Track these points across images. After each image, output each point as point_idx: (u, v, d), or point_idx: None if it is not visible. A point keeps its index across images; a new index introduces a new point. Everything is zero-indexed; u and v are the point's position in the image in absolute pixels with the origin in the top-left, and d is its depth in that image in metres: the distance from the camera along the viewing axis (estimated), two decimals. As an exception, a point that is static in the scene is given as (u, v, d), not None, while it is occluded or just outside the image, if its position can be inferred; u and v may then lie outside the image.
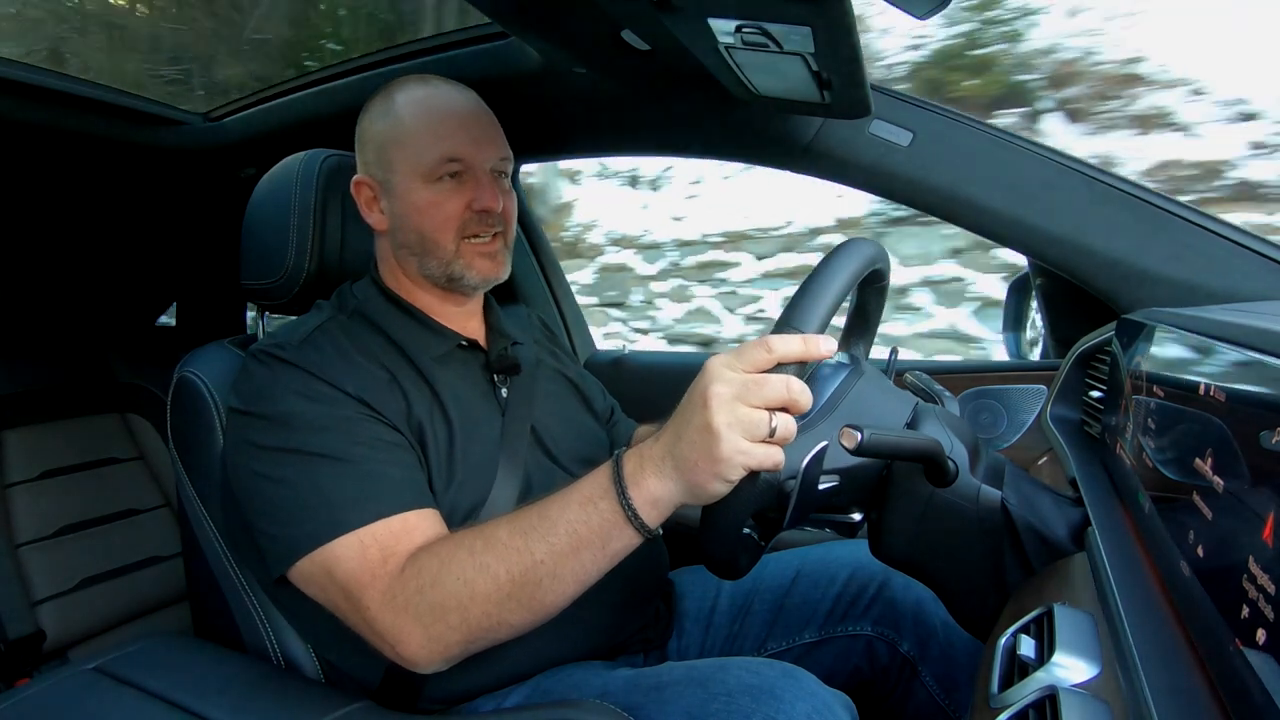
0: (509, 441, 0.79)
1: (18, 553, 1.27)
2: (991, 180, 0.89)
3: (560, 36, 0.85)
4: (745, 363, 0.55)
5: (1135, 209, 0.85)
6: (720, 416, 0.53)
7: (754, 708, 0.60)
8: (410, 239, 0.80)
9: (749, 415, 0.53)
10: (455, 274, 0.80)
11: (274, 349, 0.73)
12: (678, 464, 0.56)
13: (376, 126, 0.81)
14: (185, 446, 0.83)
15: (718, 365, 0.55)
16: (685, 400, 0.57)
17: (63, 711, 0.68)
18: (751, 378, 0.54)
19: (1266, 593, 0.30)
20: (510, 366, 0.85)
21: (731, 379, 0.54)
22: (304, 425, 0.68)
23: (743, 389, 0.53)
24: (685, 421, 0.55)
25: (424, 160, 0.77)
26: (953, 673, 0.81)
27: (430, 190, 0.78)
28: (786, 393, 0.54)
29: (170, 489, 1.48)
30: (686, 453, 0.55)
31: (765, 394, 0.53)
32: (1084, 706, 0.38)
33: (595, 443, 0.91)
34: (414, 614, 0.62)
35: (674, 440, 0.56)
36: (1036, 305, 1.17)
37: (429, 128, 0.78)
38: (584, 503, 0.59)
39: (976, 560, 0.63)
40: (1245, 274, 0.81)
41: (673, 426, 0.57)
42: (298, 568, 0.66)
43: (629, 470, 0.58)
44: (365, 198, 0.82)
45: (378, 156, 0.80)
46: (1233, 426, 0.37)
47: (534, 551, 0.60)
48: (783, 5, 0.55)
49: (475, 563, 0.61)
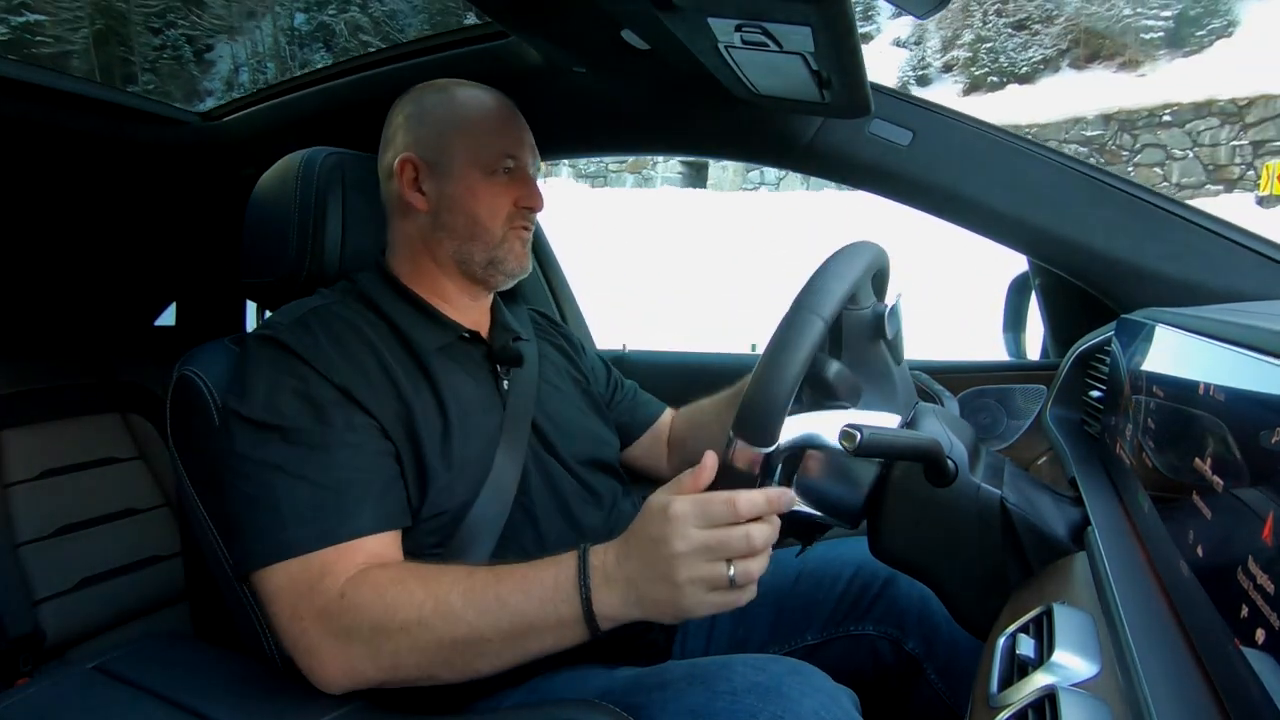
0: (509, 434, 0.79)
1: (18, 552, 1.27)
2: (991, 180, 0.89)
3: (560, 36, 0.85)
4: (708, 519, 0.56)
5: (1135, 209, 0.85)
6: (682, 573, 0.56)
7: (760, 706, 0.59)
8: (458, 222, 0.82)
9: (710, 570, 0.56)
10: (498, 258, 0.83)
11: (266, 329, 0.74)
12: (641, 598, 0.59)
13: (437, 112, 0.83)
14: (185, 445, 0.83)
15: (680, 519, 0.56)
16: (646, 539, 0.58)
17: (63, 711, 0.68)
18: (714, 537, 0.56)
19: (1266, 592, 0.30)
20: (513, 359, 0.85)
21: (693, 537, 0.56)
22: (277, 431, 0.68)
23: (705, 548, 0.56)
24: (649, 565, 0.58)
25: (487, 152, 0.81)
26: (958, 671, 0.80)
27: (488, 180, 0.82)
28: (748, 546, 0.56)
29: (170, 489, 1.47)
30: (652, 593, 0.58)
31: (727, 551, 0.56)
32: (1083, 706, 0.38)
33: (599, 441, 0.91)
34: (344, 641, 0.63)
35: (639, 576, 0.59)
36: (1036, 305, 1.17)
37: (494, 123, 0.83)
38: (544, 601, 0.60)
39: (976, 560, 0.63)
40: (1245, 274, 0.81)
41: (636, 559, 0.59)
42: (252, 577, 0.67)
43: (595, 582, 0.60)
44: (408, 176, 0.82)
45: (435, 139, 0.82)
46: (1232, 426, 0.37)
47: (482, 629, 0.61)
48: (783, 5, 0.55)
49: (420, 618, 0.62)
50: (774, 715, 0.58)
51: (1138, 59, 14.46)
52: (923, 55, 17.61)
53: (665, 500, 0.58)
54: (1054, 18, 15.61)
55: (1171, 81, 12.80)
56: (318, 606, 0.63)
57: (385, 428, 0.71)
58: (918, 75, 17.15)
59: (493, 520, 0.75)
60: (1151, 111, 12.18)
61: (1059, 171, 0.88)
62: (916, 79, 16.96)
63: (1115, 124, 12.51)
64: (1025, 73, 15.71)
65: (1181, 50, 14.15)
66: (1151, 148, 12.20)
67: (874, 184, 0.96)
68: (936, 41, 17.48)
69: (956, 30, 16.86)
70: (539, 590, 0.61)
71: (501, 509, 0.75)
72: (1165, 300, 0.82)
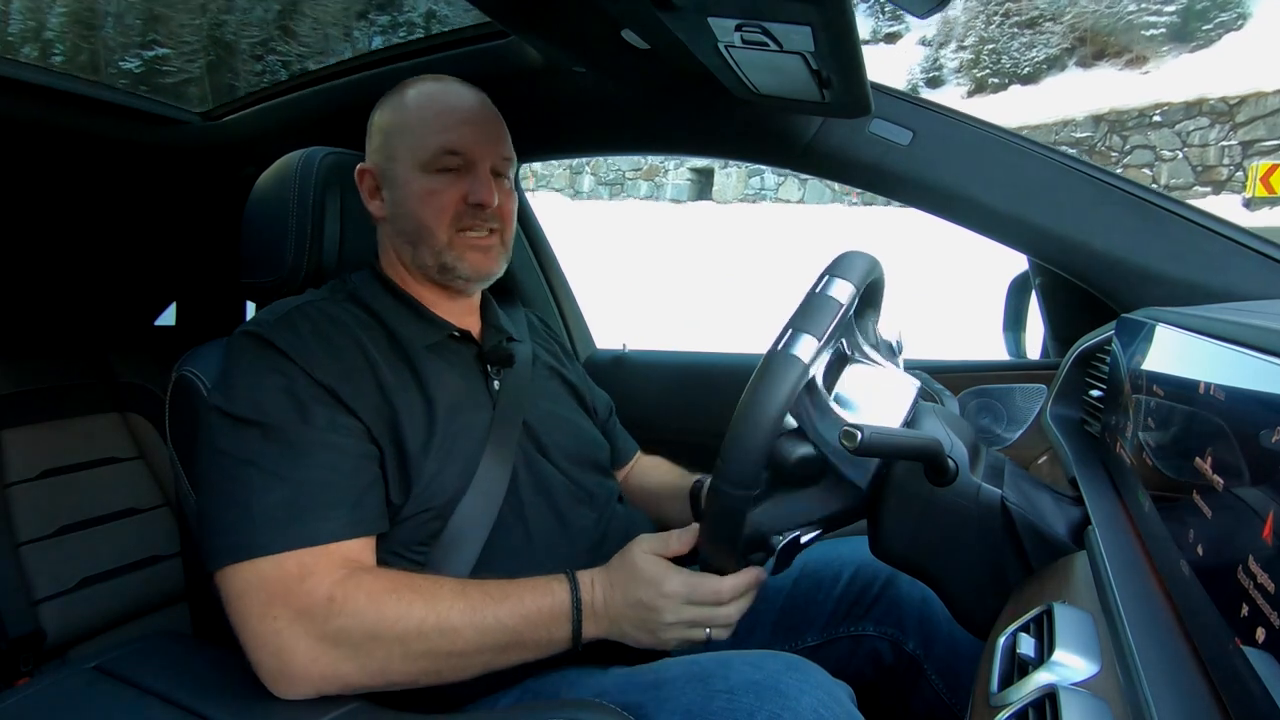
0: (498, 433, 0.78)
1: (18, 552, 1.27)
2: (991, 179, 0.89)
3: (560, 36, 0.85)
4: (698, 598, 0.66)
5: (1135, 208, 0.85)
6: (668, 633, 0.67)
7: (758, 705, 0.59)
8: (407, 226, 0.81)
9: (690, 633, 0.67)
10: (447, 264, 0.80)
11: (251, 326, 0.73)
12: (624, 635, 0.69)
13: (385, 118, 0.82)
14: (183, 445, 0.83)
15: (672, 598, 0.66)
16: (636, 601, 0.67)
17: (63, 710, 0.68)
18: (701, 614, 0.66)
19: (1266, 591, 0.30)
20: (504, 358, 0.84)
21: (682, 613, 0.66)
22: (257, 428, 0.67)
23: (692, 621, 0.67)
24: (637, 619, 0.68)
25: (424, 149, 0.79)
26: (958, 671, 0.80)
27: (428, 179, 0.79)
28: (724, 619, 0.67)
29: (170, 488, 1.47)
30: (631, 634, 0.69)
31: (709, 624, 0.67)
32: (1083, 705, 0.38)
33: (591, 443, 0.91)
34: (330, 645, 0.63)
35: (623, 620, 0.68)
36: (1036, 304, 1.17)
37: (432, 119, 0.80)
38: (539, 625, 0.67)
39: (976, 559, 0.63)
40: (1245, 273, 0.81)
41: (621, 606, 0.68)
42: (220, 573, 0.65)
43: (584, 615, 0.68)
44: (368, 186, 0.83)
45: (382, 145, 0.82)
46: (1232, 426, 0.37)
47: (479, 644, 0.66)
48: (783, 4, 0.55)
49: (420, 632, 0.64)
50: (772, 713, 0.58)
51: (1145, 56, 14.27)
52: (936, 56, 17.27)
53: (659, 574, 0.67)
54: (1061, 15, 15.44)
55: (1173, 78, 12.59)
56: (298, 607, 0.62)
57: (369, 427, 0.71)
58: (929, 77, 16.91)
59: (480, 518, 0.74)
60: (1142, 111, 11.96)
61: (1059, 171, 0.88)
62: (927, 81, 16.73)
63: (1105, 125, 12.34)
64: (1028, 73, 15.53)
65: (1188, 45, 13.92)
66: (1141, 149, 11.99)
67: (874, 184, 0.96)
68: (952, 45, 17.27)
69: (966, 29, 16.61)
70: (536, 615, 0.67)
71: (490, 508, 0.75)
72: (1165, 299, 0.82)
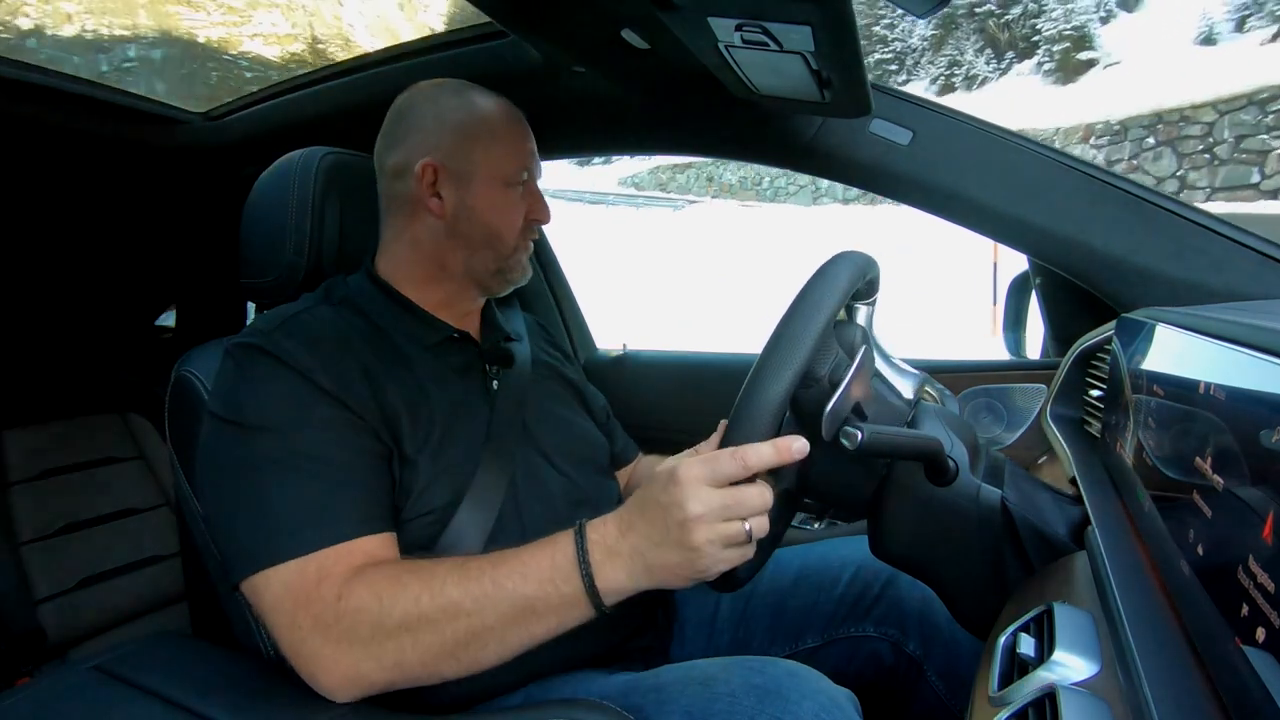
0: (496, 434, 0.78)
1: (19, 552, 1.27)
2: (991, 179, 0.89)
3: (560, 35, 0.85)
4: (720, 478, 0.55)
5: (1135, 208, 0.85)
6: (700, 535, 0.55)
7: (759, 709, 0.59)
8: (475, 232, 0.81)
9: (729, 529, 0.55)
10: (507, 268, 0.84)
11: (248, 335, 0.73)
12: (650, 566, 0.57)
13: (458, 117, 0.81)
14: (183, 445, 0.83)
15: (692, 482, 0.55)
16: (654, 505, 0.57)
17: (63, 710, 0.68)
18: (730, 495, 0.55)
19: (1266, 591, 0.30)
20: (503, 358, 0.84)
21: (709, 498, 0.55)
22: (262, 434, 0.67)
23: (722, 509, 0.55)
24: (660, 531, 0.56)
25: (508, 165, 0.82)
26: (958, 672, 0.80)
27: (507, 193, 0.82)
28: (761, 503, 0.56)
29: (170, 489, 1.48)
30: (663, 559, 0.57)
31: (744, 510, 0.55)
32: (1083, 705, 0.38)
33: (591, 444, 0.91)
34: (344, 646, 0.61)
35: (647, 545, 0.57)
36: (1036, 304, 1.17)
37: (516, 137, 0.83)
38: (544, 581, 0.59)
39: (976, 559, 0.63)
40: (1245, 273, 0.81)
41: (642, 528, 0.58)
42: (246, 584, 0.65)
43: (596, 559, 0.59)
44: (428, 180, 0.80)
45: (459, 147, 0.80)
46: (1233, 425, 0.37)
47: (482, 617, 0.60)
48: (783, 4, 0.55)
49: (419, 613, 0.60)
50: (773, 717, 0.58)
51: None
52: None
53: (672, 465, 0.57)
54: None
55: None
56: (314, 614, 0.62)
57: (374, 429, 0.71)
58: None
59: (480, 521, 0.74)
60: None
61: (1059, 170, 0.88)
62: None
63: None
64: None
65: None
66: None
67: (874, 183, 0.96)
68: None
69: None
70: (536, 571, 0.60)
71: (489, 509, 0.75)
72: (1165, 299, 0.82)
